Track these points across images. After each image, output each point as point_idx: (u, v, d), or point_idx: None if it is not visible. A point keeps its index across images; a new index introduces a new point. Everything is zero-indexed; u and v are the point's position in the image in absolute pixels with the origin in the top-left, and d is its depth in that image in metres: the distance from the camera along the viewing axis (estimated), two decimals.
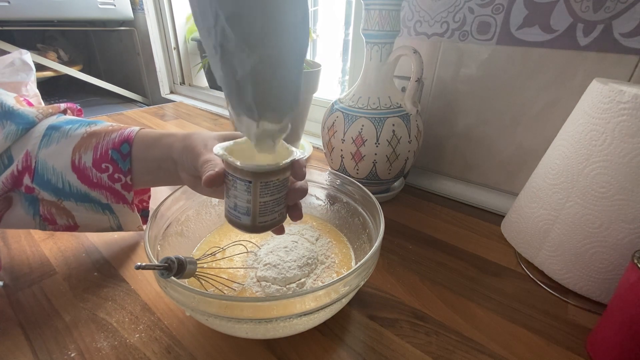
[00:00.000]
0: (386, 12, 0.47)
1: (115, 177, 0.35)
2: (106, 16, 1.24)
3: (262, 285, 0.36)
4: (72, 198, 0.35)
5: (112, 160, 0.35)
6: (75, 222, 0.38)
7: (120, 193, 0.36)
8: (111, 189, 0.36)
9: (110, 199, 0.36)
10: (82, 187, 0.35)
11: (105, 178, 0.35)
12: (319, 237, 0.45)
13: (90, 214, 0.37)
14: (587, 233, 0.37)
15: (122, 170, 0.35)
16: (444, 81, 0.60)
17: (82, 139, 0.35)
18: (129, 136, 0.35)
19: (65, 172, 0.35)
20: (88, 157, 0.35)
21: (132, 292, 0.39)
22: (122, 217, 0.39)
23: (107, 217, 0.38)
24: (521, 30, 0.50)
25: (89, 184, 0.35)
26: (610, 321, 0.31)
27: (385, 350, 0.33)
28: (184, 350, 0.33)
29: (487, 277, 0.43)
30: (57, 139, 0.35)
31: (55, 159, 0.35)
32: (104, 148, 0.35)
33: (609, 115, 0.35)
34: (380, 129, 0.51)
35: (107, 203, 0.37)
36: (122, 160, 0.35)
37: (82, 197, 0.36)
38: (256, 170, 0.27)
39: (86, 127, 0.36)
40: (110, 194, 0.36)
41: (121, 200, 0.37)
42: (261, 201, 0.28)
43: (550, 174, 0.41)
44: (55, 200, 0.35)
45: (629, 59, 0.44)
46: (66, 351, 0.32)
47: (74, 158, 0.35)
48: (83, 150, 0.35)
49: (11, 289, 0.39)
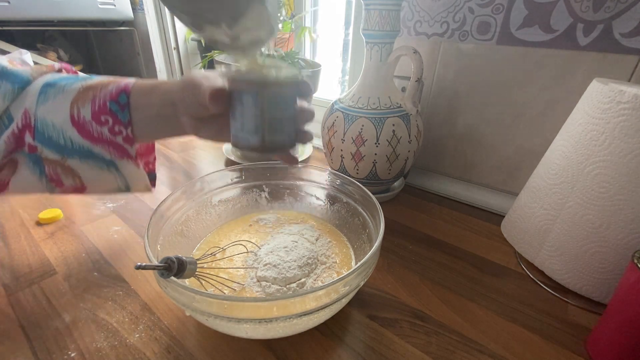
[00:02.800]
0: (386, 12, 0.47)
1: (116, 130, 0.34)
2: (106, 16, 1.24)
3: (262, 285, 0.36)
4: (76, 155, 0.35)
5: (111, 112, 0.34)
6: (82, 182, 0.37)
7: (123, 147, 0.35)
8: (113, 142, 0.35)
9: (114, 154, 0.36)
10: (84, 142, 0.34)
11: (106, 131, 0.34)
12: (319, 237, 0.45)
13: (95, 172, 0.37)
14: (587, 233, 0.37)
15: (122, 122, 0.34)
16: (444, 81, 0.60)
17: (79, 93, 0.34)
18: (126, 86, 0.34)
19: (65, 127, 0.34)
20: (86, 110, 0.34)
21: (132, 292, 0.39)
22: (128, 175, 0.38)
23: (113, 176, 0.38)
24: (521, 30, 0.50)
25: (90, 138, 0.34)
26: (610, 321, 0.31)
27: (385, 350, 0.33)
28: (184, 350, 0.33)
29: (487, 277, 0.43)
30: (53, 95, 0.34)
31: (54, 115, 0.34)
32: (101, 100, 0.34)
33: (609, 115, 0.35)
34: (380, 129, 0.51)
35: (111, 159, 0.36)
36: (121, 111, 0.34)
37: (85, 153, 0.35)
38: (262, 79, 0.27)
39: (82, 82, 0.35)
40: (112, 148, 0.35)
41: (125, 155, 0.36)
42: (269, 116, 0.28)
43: (550, 174, 0.41)
44: (59, 159, 0.35)
45: (629, 59, 0.44)
46: (66, 351, 0.32)
47: (72, 112, 0.34)
48: (81, 103, 0.34)
49: (11, 289, 0.39)
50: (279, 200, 0.51)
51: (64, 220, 0.51)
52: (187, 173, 0.68)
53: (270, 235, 0.45)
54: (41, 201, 0.56)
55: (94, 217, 0.53)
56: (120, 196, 0.59)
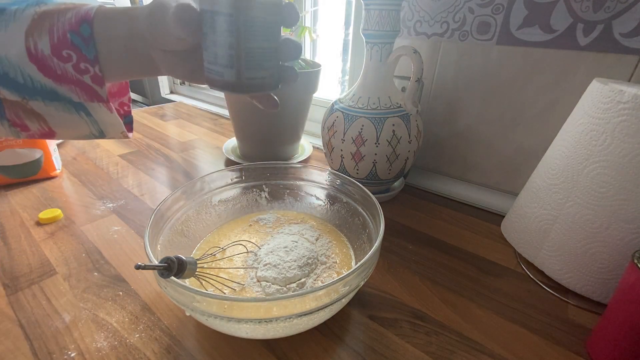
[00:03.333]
0: (386, 12, 0.47)
1: (82, 68, 0.29)
2: None
3: (262, 285, 0.36)
4: (38, 96, 0.30)
5: (74, 46, 0.29)
6: (49, 126, 0.33)
7: (92, 87, 0.30)
8: (80, 82, 0.30)
9: (82, 95, 0.31)
10: (46, 81, 0.30)
11: (70, 69, 0.29)
12: (319, 237, 0.45)
13: (63, 116, 0.32)
14: (587, 233, 0.37)
15: (88, 58, 0.29)
16: (444, 81, 0.60)
17: (33, 22, 0.29)
18: (87, 14, 0.29)
19: (23, 63, 0.29)
20: (44, 43, 0.28)
21: (132, 292, 0.39)
22: (100, 121, 0.34)
23: (84, 121, 0.33)
24: (521, 30, 0.50)
25: (52, 76, 0.29)
26: (610, 321, 0.31)
27: (385, 350, 0.33)
28: (184, 350, 0.33)
29: (487, 277, 0.43)
30: (4, 24, 0.29)
31: (7, 47, 0.28)
32: (60, 31, 0.28)
33: (609, 115, 0.35)
34: (380, 129, 0.51)
35: (80, 102, 0.31)
36: (84, 45, 0.29)
37: (50, 94, 0.30)
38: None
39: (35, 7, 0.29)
40: (80, 89, 0.30)
41: (95, 97, 0.31)
42: (247, 46, 0.24)
43: (550, 174, 0.41)
44: (19, 99, 0.30)
45: (629, 59, 0.44)
46: (66, 351, 0.32)
47: (28, 45, 0.28)
48: (37, 35, 0.28)
49: (11, 289, 0.39)
50: (279, 200, 0.51)
51: (64, 220, 0.51)
52: (187, 173, 0.68)
53: (270, 236, 0.45)
54: (41, 201, 0.56)
55: (94, 217, 0.53)
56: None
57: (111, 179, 0.64)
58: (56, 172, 0.64)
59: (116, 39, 0.29)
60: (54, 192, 0.59)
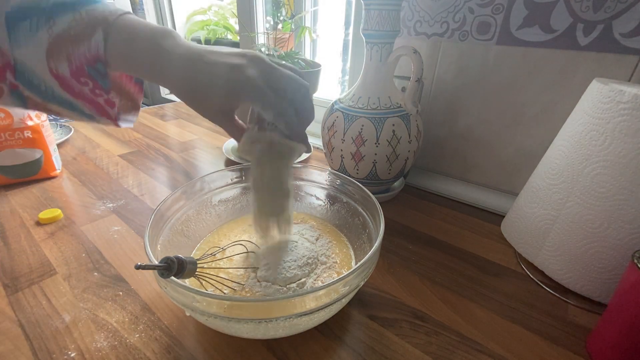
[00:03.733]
0: (386, 12, 0.47)
1: (97, 92, 0.33)
2: None
3: (263, 285, 0.36)
4: (56, 102, 0.33)
5: (91, 77, 0.32)
6: (63, 117, 0.37)
7: (104, 108, 0.34)
8: (94, 102, 0.34)
9: (94, 111, 0.35)
10: (65, 94, 0.33)
11: (86, 91, 0.33)
12: (319, 237, 0.45)
13: (75, 117, 0.36)
14: (587, 233, 0.37)
15: (103, 88, 0.32)
16: (444, 81, 0.60)
17: (50, 45, 0.30)
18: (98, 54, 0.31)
19: (46, 77, 0.31)
20: (64, 68, 0.31)
21: (132, 292, 0.39)
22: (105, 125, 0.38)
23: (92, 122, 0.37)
24: (521, 30, 0.50)
25: (71, 93, 0.33)
26: (610, 321, 0.31)
27: (385, 350, 0.33)
28: (184, 350, 0.33)
29: (487, 277, 0.43)
30: (24, 39, 0.30)
31: (33, 62, 0.31)
32: (77, 61, 0.31)
33: (609, 115, 0.35)
34: (380, 129, 0.51)
35: (91, 114, 0.35)
36: (100, 78, 0.32)
37: (66, 103, 0.34)
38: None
39: (47, 29, 0.31)
40: (93, 107, 0.34)
41: (105, 115, 0.35)
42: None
43: (550, 174, 0.41)
44: (40, 101, 0.33)
45: (629, 59, 0.44)
46: (66, 351, 0.32)
47: (50, 66, 0.31)
48: (57, 59, 0.31)
49: (11, 289, 0.39)
50: None
51: (64, 220, 0.51)
52: (187, 173, 0.68)
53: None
54: (41, 201, 0.56)
55: (94, 217, 0.53)
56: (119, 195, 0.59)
57: (111, 179, 0.64)
58: (56, 172, 0.64)
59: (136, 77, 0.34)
60: (54, 192, 0.59)
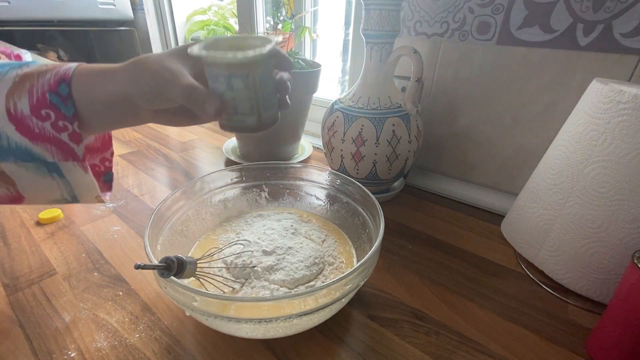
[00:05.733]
0: (386, 12, 0.47)
1: (60, 126, 0.30)
2: (106, 16, 1.24)
3: (271, 288, 0.36)
4: (11, 156, 0.30)
5: (52, 105, 0.29)
6: (17, 190, 0.32)
7: (68, 145, 0.31)
8: (57, 140, 0.30)
9: (57, 154, 0.31)
10: (22, 140, 0.30)
11: (48, 127, 0.30)
12: (326, 238, 0.44)
13: (34, 179, 0.32)
14: (587, 233, 0.37)
15: (66, 116, 0.30)
16: (444, 81, 0.60)
17: (14, 84, 0.29)
18: (65, 75, 0.30)
19: (2, 123, 0.29)
20: (24, 103, 0.29)
21: (132, 292, 0.39)
22: (74, 182, 0.33)
23: (56, 183, 0.33)
24: (521, 30, 0.50)
25: (30, 135, 0.30)
26: (610, 321, 0.31)
27: (385, 350, 0.33)
28: (184, 350, 0.33)
29: (487, 277, 0.43)
30: None
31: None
32: (39, 91, 0.29)
33: (609, 115, 0.35)
34: (380, 129, 0.51)
35: (54, 162, 0.31)
36: (63, 104, 0.29)
37: (23, 153, 0.30)
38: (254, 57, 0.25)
39: (17, 70, 0.30)
40: (56, 147, 0.31)
41: (70, 155, 0.31)
42: (263, 93, 0.28)
43: (550, 174, 0.41)
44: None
45: (629, 59, 0.44)
46: (66, 351, 0.32)
47: (8, 106, 0.29)
48: (17, 96, 0.29)
49: (11, 289, 0.39)
50: (278, 200, 0.51)
51: (64, 220, 0.51)
52: (187, 173, 0.68)
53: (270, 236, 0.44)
54: None
55: (94, 217, 0.53)
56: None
57: None
58: None
59: (97, 99, 0.30)
60: None
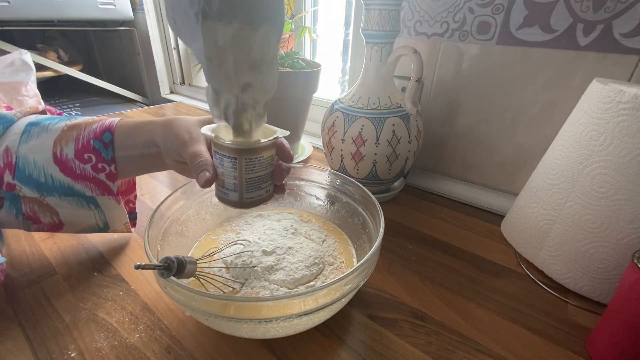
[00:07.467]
0: (386, 12, 0.47)
1: (99, 167, 0.35)
2: (106, 16, 1.24)
3: (271, 288, 0.36)
4: (55, 192, 0.35)
5: (95, 150, 0.35)
6: (60, 219, 0.38)
7: (105, 183, 0.36)
8: (95, 179, 0.36)
9: (95, 190, 0.36)
10: (65, 179, 0.35)
11: (88, 169, 0.35)
12: (326, 238, 0.44)
13: (74, 210, 0.37)
14: (587, 233, 0.37)
15: (106, 159, 0.35)
16: (444, 81, 0.60)
17: (63, 132, 0.35)
18: (110, 125, 0.36)
19: (47, 165, 0.35)
20: (70, 148, 0.35)
21: (132, 292, 0.39)
22: (108, 212, 0.39)
23: (92, 213, 0.38)
24: (521, 30, 0.50)
25: (72, 175, 0.35)
26: (610, 321, 0.31)
27: (385, 350, 0.33)
28: (184, 350, 0.33)
29: (487, 277, 0.43)
30: (37, 134, 0.35)
31: (36, 153, 0.35)
32: (85, 138, 0.35)
33: (609, 115, 0.35)
34: (380, 129, 0.51)
35: (92, 196, 0.37)
36: (104, 149, 0.35)
37: (66, 190, 0.36)
38: (240, 147, 0.29)
39: (66, 121, 0.36)
40: (94, 184, 0.36)
41: (106, 191, 0.37)
42: (247, 177, 0.30)
43: (550, 174, 0.41)
44: (37, 196, 0.35)
45: (629, 59, 0.44)
46: (66, 351, 0.32)
47: (55, 150, 0.35)
48: (64, 142, 0.35)
49: (11, 289, 0.39)
50: (278, 200, 0.51)
51: None
52: None
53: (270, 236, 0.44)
54: None
55: None
56: None
57: None
58: None
59: (134, 147, 0.35)
60: None
